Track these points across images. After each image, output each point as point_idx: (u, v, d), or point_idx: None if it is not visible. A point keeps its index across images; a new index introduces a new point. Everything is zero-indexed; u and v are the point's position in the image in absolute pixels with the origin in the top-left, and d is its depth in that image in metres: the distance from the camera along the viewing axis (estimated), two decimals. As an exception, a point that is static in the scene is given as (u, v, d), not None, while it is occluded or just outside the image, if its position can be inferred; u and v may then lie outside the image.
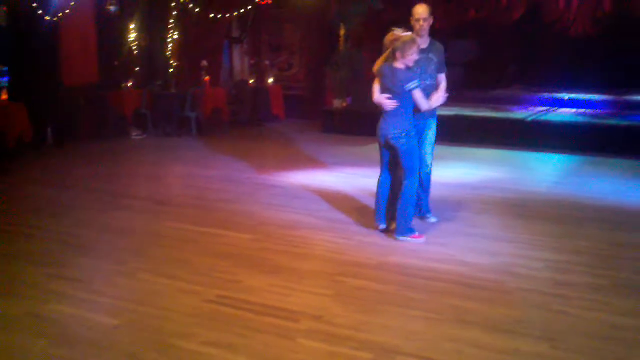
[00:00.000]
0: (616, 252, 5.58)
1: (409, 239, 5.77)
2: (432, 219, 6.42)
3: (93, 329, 4.04)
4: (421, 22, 6.01)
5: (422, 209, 6.44)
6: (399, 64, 5.62)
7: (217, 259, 5.35)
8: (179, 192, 8.15)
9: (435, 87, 6.12)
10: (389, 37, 5.67)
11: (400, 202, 5.81)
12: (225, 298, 4.51)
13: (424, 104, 5.69)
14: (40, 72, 10.93)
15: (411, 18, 6.08)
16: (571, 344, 3.84)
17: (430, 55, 6.07)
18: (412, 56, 5.58)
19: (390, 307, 4.38)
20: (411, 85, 5.58)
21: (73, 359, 3.68)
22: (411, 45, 5.55)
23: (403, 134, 5.67)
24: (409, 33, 5.70)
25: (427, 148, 6.27)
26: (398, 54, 5.57)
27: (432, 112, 6.16)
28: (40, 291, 4.65)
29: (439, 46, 6.21)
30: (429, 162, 6.32)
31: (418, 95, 5.63)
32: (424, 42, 6.04)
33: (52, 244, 5.79)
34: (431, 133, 6.26)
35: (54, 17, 11.10)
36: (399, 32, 5.62)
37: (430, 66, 6.07)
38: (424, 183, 6.36)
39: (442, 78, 6.21)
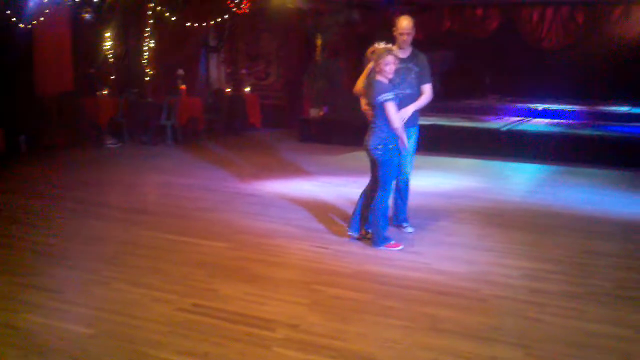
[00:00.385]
0: (591, 260, 5.63)
1: (386, 248, 5.78)
2: (409, 229, 6.39)
3: (66, 339, 3.99)
4: (405, 37, 6.01)
5: (399, 217, 6.43)
6: (378, 76, 5.61)
7: (193, 267, 5.31)
8: (155, 201, 8.11)
9: (415, 98, 6.07)
10: (368, 51, 5.67)
11: (373, 213, 5.83)
12: (200, 307, 4.48)
13: (394, 119, 5.57)
14: (14, 79, 10.81)
15: (394, 30, 6.07)
16: (547, 351, 3.87)
17: (411, 65, 6.02)
18: (387, 67, 5.53)
19: (367, 316, 4.37)
20: (383, 97, 5.53)
21: (45, 369, 3.63)
22: (385, 56, 5.52)
23: (380, 146, 5.66)
24: (389, 45, 5.66)
25: (407, 157, 6.20)
26: (376, 67, 5.58)
27: (413, 122, 6.13)
28: (13, 301, 4.58)
29: (422, 56, 6.15)
30: (408, 170, 6.29)
31: (389, 108, 5.53)
32: (405, 52, 6.04)
33: (25, 253, 5.71)
34: (411, 142, 6.17)
35: (29, 24, 10.99)
36: (378, 45, 5.61)
37: (409, 76, 6.02)
38: (403, 192, 6.35)
39: (426, 89, 6.12)
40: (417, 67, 6.07)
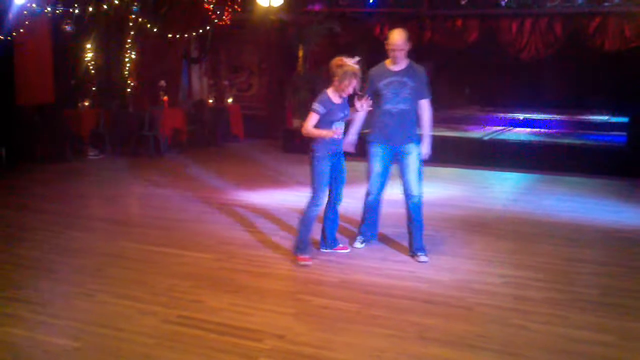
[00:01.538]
0: (572, 267, 5.69)
1: (297, 259, 5.71)
2: (423, 258, 5.77)
3: (51, 353, 3.96)
4: (396, 53, 5.59)
5: (412, 246, 5.91)
6: (331, 90, 5.51)
7: (178, 279, 5.29)
8: (138, 212, 8.07)
9: (412, 114, 5.72)
10: (336, 62, 5.48)
11: (301, 219, 5.75)
12: (186, 319, 4.47)
13: (306, 127, 5.51)
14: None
15: (386, 44, 5.66)
16: (532, 358, 3.90)
17: (405, 79, 5.62)
18: (347, 89, 5.41)
19: (353, 325, 4.38)
20: (314, 105, 5.48)
21: (30, 383, 3.60)
22: (350, 78, 5.36)
23: (310, 154, 5.63)
24: (357, 66, 5.43)
25: (409, 175, 5.78)
26: (336, 81, 5.44)
27: (409, 136, 5.75)
28: (-4, 314, 4.55)
29: (419, 69, 5.72)
30: (414, 192, 5.81)
31: (309, 117, 5.50)
32: (400, 65, 5.67)
33: (6, 266, 5.66)
34: (411, 159, 5.76)
35: (9, 36, 10.92)
36: (347, 60, 5.43)
37: (404, 90, 5.62)
38: (413, 216, 5.87)
39: (424, 106, 5.72)
40: (413, 81, 5.64)
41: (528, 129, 13.20)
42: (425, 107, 5.78)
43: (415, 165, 5.79)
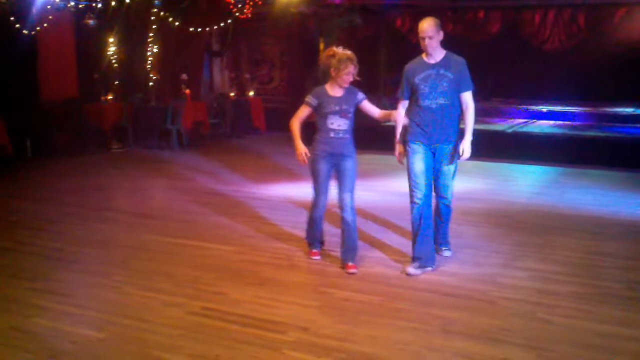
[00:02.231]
0: (596, 261, 5.63)
1: (309, 254, 5.72)
2: (447, 253, 5.73)
3: (77, 343, 4.00)
4: (425, 41, 5.22)
5: (437, 240, 5.70)
6: (329, 84, 5.41)
7: (202, 271, 5.32)
8: (162, 205, 8.12)
9: (454, 110, 5.41)
10: (327, 53, 5.40)
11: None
12: (210, 310, 4.49)
13: (293, 119, 5.51)
14: (19, 86, 10.85)
15: (418, 32, 5.33)
16: (557, 352, 3.87)
17: (443, 71, 5.26)
18: (346, 76, 5.26)
19: (376, 318, 4.38)
20: (306, 98, 5.45)
21: (57, 373, 3.64)
22: (346, 63, 5.22)
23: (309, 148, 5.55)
24: (349, 52, 5.32)
25: (445, 180, 5.49)
26: (332, 72, 5.32)
27: (451, 135, 5.44)
28: (23, 305, 4.60)
29: (457, 60, 5.37)
30: (448, 195, 5.55)
31: (300, 109, 5.51)
32: (435, 57, 5.30)
33: (33, 257, 5.73)
34: (449, 163, 5.46)
35: (32, 31, 11.04)
36: (337, 49, 5.34)
37: (442, 83, 5.26)
38: (442, 215, 5.66)
39: (467, 98, 5.42)
40: (451, 73, 5.28)
41: (551, 122, 13.09)
42: (467, 101, 5.44)
43: (452, 169, 5.51)
